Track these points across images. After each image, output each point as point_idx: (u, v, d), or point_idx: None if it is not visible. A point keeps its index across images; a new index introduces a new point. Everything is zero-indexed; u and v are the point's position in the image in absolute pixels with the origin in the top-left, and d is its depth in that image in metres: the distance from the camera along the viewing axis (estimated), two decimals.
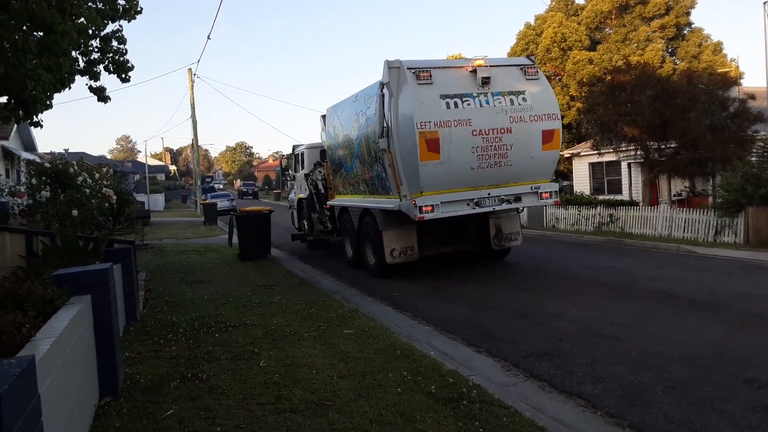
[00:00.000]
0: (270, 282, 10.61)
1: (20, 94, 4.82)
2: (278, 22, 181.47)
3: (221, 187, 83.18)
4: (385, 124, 10.04)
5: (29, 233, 7.49)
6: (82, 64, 6.60)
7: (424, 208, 9.67)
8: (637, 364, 5.33)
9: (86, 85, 6.91)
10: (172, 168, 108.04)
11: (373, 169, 11.08)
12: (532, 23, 36.25)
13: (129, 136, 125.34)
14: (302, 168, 17.35)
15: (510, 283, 9.67)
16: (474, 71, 10.20)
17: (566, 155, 30.97)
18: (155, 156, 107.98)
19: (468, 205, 10.11)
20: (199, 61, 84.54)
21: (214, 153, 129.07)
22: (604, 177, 28.53)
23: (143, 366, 5.35)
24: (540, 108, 10.48)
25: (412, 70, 9.86)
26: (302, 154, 17.43)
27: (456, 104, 9.91)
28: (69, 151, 39.63)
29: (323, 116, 14.65)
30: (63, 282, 4.26)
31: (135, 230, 18.14)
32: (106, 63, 6.92)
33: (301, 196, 17.61)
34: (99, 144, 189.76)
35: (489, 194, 10.21)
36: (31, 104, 4.93)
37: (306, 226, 17.19)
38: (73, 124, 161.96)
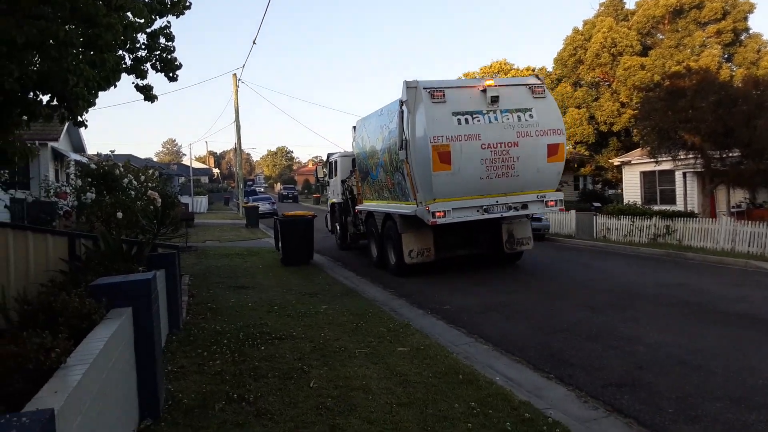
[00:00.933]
0: (314, 290, 10.21)
1: (62, 91, 4.52)
2: (323, 26, 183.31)
3: (262, 190, 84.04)
4: (404, 138, 10.96)
5: (72, 236, 7.25)
6: (128, 62, 6.33)
7: (436, 214, 10.56)
8: (737, 401, 4.67)
9: (132, 83, 6.65)
10: (216, 171, 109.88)
11: (394, 178, 12.02)
12: (581, 28, 35.24)
13: (174, 140, 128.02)
14: (335, 175, 18.33)
15: (572, 300, 9.01)
16: (484, 90, 11.04)
17: (616, 163, 29.86)
18: (199, 159, 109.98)
19: (477, 211, 10.96)
20: (244, 66, 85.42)
21: (255, 157, 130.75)
22: (657, 186, 27.30)
23: (186, 382, 4.97)
24: (546, 123, 11.23)
25: (428, 90, 10.81)
26: (335, 162, 18.37)
27: (467, 120, 10.81)
28: (117, 153, 40.40)
29: (354, 127, 15.48)
30: (102, 293, 3.90)
31: (179, 233, 18.09)
32: (153, 61, 6.64)
33: (334, 201, 18.70)
34: (146, 147, 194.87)
35: (497, 202, 11.06)
36: (74, 101, 4.62)
37: (338, 229, 18.13)
38: (122, 127, 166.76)
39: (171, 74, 6.83)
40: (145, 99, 6.74)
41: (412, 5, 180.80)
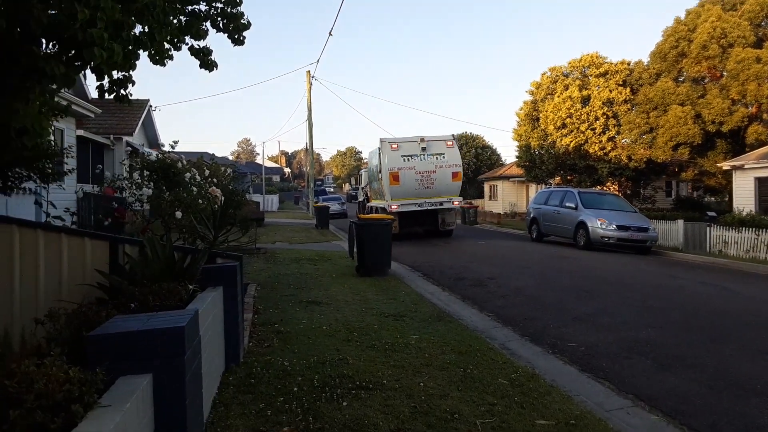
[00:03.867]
0: (398, 309, 8.55)
1: (74, 36, 3.04)
2: (404, 20, 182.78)
3: (332, 190, 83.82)
4: (380, 167, 20.44)
5: (114, 241, 5.89)
6: (182, 18, 4.88)
7: (392, 206, 19.66)
8: None
9: (186, 45, 5.19)
10: (287, 170, 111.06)
11: (379, 187, 21.34)
12: (683, 18, 31.92)
13: (249, 139, 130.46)
14: (360, 183, 32.32)
15: (739, 341, 6.90)
16: (419, 143, 20.10)
17: (725, 167, 26.59)
18: (272, 158, 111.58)
19: (415, 206, 20.02)
20: (318, 61, 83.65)
21: (325, 157, 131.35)
22: None
23: None
24: (452, 161, 20.33)
25: (389, 143, 20.18)
26: (361, 175, 32.61)
27: (409, 159, 19.91)
28: (192, 150, 40.33)
29: (369, 153, 25.31)
30: (102, 353, 2.34)
31: (248, 233, 16.94)
32: (214, 16, 5.16)
33: (360, 199, 30.94)
34: (222, 146, 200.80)
35: (425, 201, 20.09)
36: (86, 50, 3.15)
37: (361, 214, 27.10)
38: (200, 126, 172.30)
39: (237, 35, 5.30)
40: (201, 66, 5.27)
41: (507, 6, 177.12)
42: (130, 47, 3.91)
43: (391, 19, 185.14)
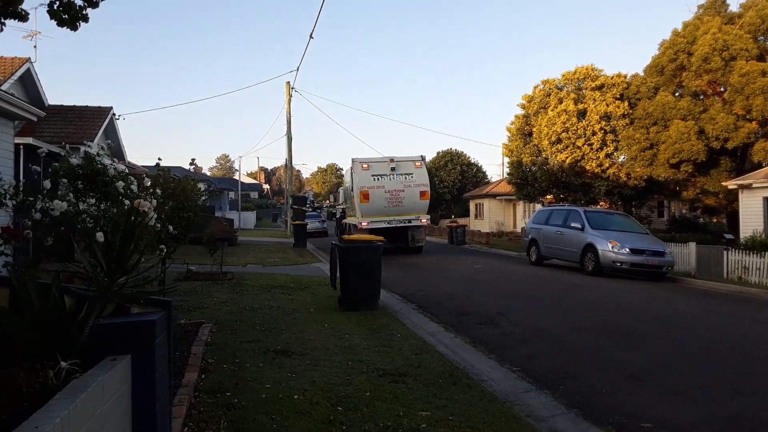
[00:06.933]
0: (396, 364, 6.48)
1: None
2: (383, 32, 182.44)
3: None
4: (352, 185, 21.87)
5: None
6: None
7: (363, 224, 20.70)
8: None
9: None
10: (266, 187, 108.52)
11: (352, 204, 22.54)
12: (680, 30, 30.60)
13: (227, 155, 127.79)
14: (338, 201, 35.23)
15: None
16: (388, 164, 21.28)
17: (730, 186, 25.02)
18: (250, 175, 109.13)
19: (385, 223, 20.88)
20: (298, 68, 79.82)
21: (305, 173, 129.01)
22: None
23: None
24: (420, 180, 21.40)
25: (360, 163, 21.28)
26: (339, 193, 34.79)
27: (378, 179, 21.07)
28: (165, 164, 37.89)
29: (344, 173, 28.44)
30: None
31: (214, 256, 14.76)
32: None
33: (337, 216, 34.16)
34: (200, 163, 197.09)
35: (394, 218, 21.14)
36: None
37: (338, 231, 28.05)
38: (175, 143, 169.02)
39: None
40: (59, 23, 3.25)
41: (488, 8, 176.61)
42: None
43: (375, 28, 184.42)
